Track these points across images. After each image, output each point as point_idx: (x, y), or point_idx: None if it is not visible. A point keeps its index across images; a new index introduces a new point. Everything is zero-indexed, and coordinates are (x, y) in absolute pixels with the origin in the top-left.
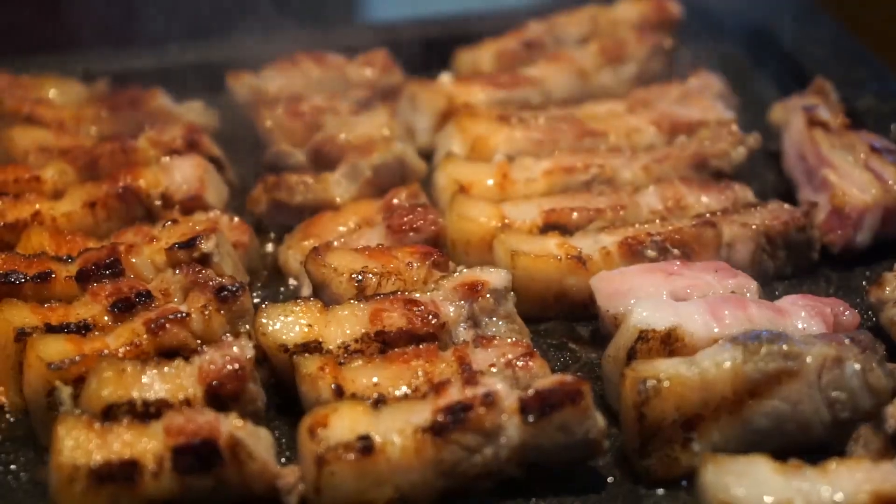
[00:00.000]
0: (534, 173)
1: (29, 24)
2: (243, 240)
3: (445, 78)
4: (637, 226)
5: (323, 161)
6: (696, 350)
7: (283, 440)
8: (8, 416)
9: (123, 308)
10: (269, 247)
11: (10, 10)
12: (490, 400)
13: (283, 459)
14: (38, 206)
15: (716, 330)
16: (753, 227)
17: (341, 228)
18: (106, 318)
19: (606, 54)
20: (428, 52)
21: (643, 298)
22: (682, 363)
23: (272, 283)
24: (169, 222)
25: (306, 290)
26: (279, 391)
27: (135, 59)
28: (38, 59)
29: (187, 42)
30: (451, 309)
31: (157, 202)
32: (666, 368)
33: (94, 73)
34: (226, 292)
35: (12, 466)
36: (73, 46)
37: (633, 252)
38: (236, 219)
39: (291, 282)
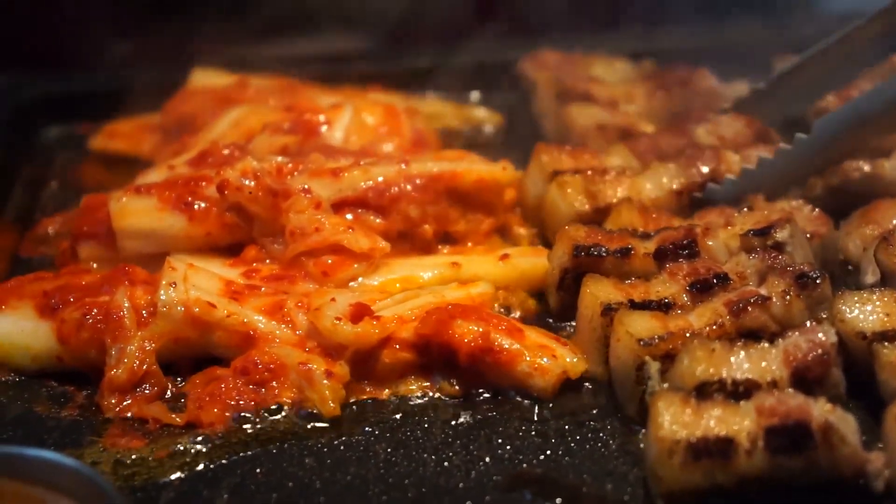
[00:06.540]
0: None
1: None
2: (821, 231)
3: None
4: None
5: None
6: None
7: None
8: (593, 386)
9: (702, 289)
10: None
11: None
12: None
13: None
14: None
15: None
16: None
17: None
18: (684, 297)
19: None
20: None
21: None
22: None
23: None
24: (745, 208)
25: (870, 277)
26: (848, 377)
27: (670, 38)
28: (584, 38)
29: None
30: None
31: None
32: None
33: (638, 51)
34: (806, 278)
35: (601, 434)
36: (614, 25)
37: None
38: (816, 210)
39: (851, 268)
